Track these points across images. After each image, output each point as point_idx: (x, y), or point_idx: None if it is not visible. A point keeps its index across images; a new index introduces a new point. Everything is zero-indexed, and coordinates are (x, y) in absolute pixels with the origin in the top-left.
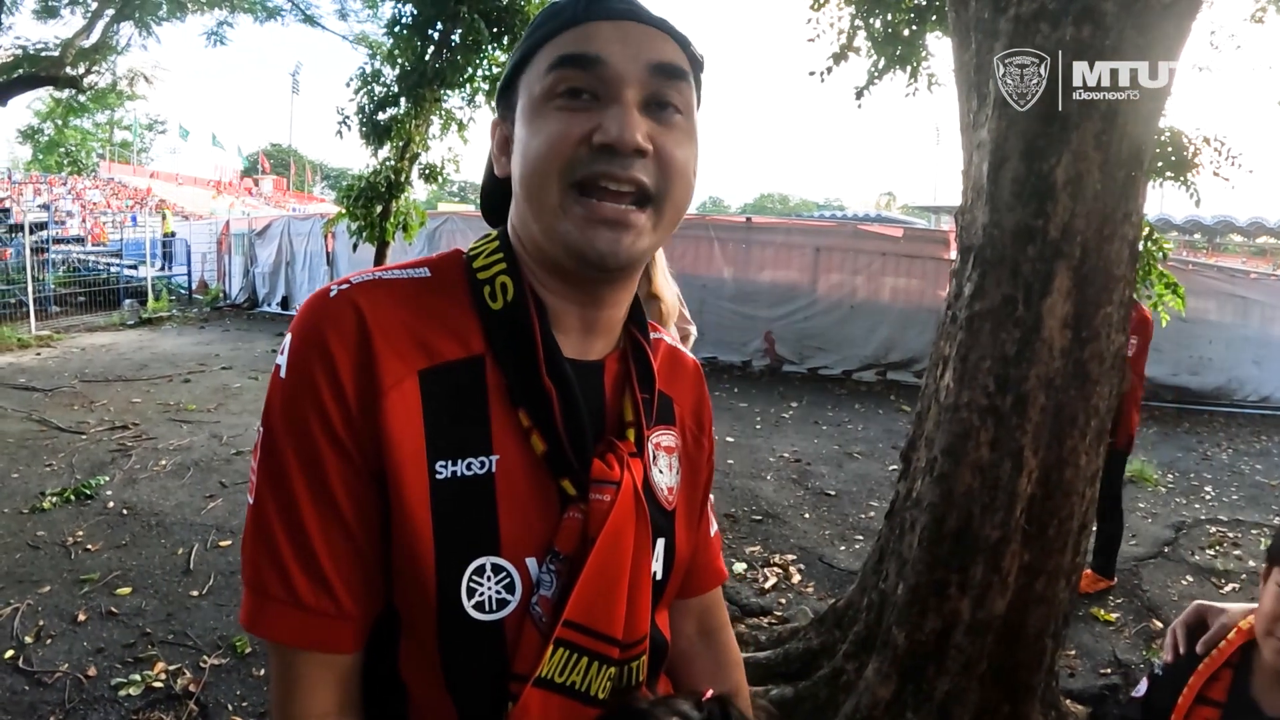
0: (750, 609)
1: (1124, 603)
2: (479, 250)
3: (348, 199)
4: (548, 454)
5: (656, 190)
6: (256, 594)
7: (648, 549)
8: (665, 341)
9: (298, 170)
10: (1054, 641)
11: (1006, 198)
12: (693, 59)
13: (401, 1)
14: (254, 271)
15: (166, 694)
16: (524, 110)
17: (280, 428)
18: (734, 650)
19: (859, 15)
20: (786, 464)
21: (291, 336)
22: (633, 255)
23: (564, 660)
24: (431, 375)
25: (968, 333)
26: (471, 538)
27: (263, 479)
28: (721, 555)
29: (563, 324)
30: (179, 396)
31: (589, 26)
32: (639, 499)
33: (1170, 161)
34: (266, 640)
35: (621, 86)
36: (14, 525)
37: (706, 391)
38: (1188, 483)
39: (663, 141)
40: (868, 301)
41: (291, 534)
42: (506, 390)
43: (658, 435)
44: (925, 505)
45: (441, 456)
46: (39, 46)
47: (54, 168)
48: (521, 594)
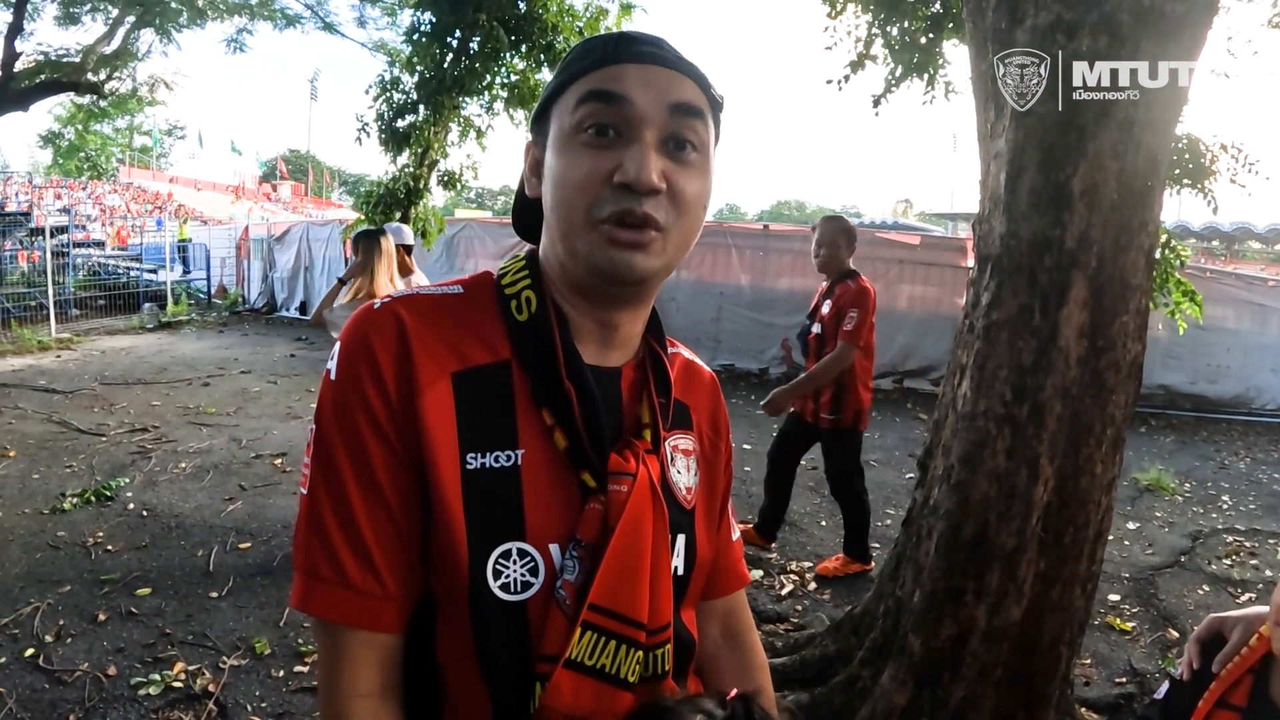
0: (767, 615)
1: (1140, 612)
2: (507, 269)
3: (367, 205)
4: (569, 449)
5: (667, 222)
6: (308, 576)
7: (666, 540)
8: (683, 355)
9: (316, 176)
10: (1069, 650)
11: (1023, 208)
12: (712, 100)
13: (420, 9)
14: (273, 276)
15: (186, 694)
16: (555, 139)
17: (331, 423)
18: (759, 653)
19: (876, 23)
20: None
21: (341, 343)
22: (646, 272)
23: (592, 643)
24: (463, 377)
25: (985, 341)
26: (498, 523)
27: (315, 470)
28: (743, 560)
29: (583, 335)
30: (198, 400)
31: (617, 68)
32: (655, 491)
33: (1188, 169)
34: (316, 618)
35: (642, 126)
36: (35, 525)
37: (723, 400)
38: (1205, 492)
39: (676, 178)
40: (884, 309)
41: (341, 520)
42: (531, 392)
43: (675, 439)
44: (942, 513)
45: (472, 449)
46: (61, 53)
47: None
48: (545, 577)
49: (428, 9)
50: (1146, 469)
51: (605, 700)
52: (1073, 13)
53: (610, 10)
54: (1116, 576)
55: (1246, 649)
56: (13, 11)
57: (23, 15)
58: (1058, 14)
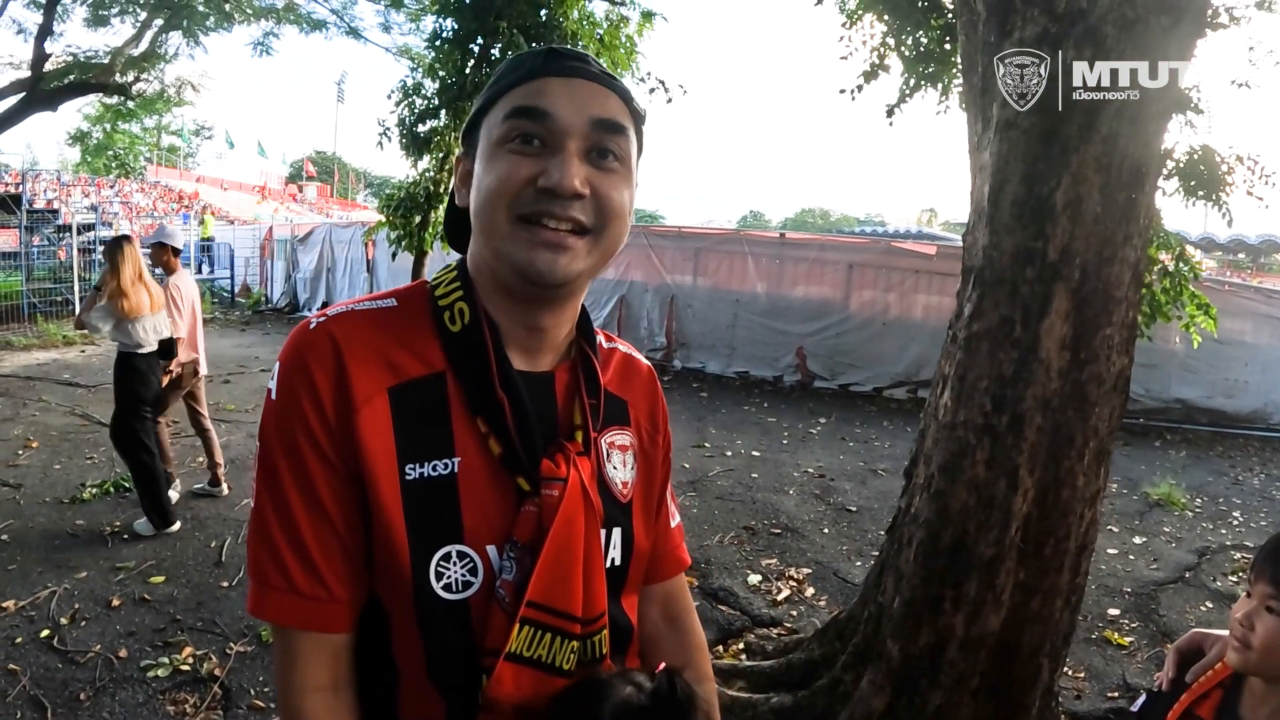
0: (761, 620)
1: (1139, 627)
2: (440, 280)
3: (388, 208)
4: (503, 456)
5: (593, 225)
6: (259, 584)
7: (598, 537)
8: (620, 350)
9: (341, 177)
10: (1051, 661)
11: (1006, 220)
12: (634, 113)
13: (443, 16)
14: (295, 277)
15: (193, 677)
16: (482, 150)
17: (274, 441)
18: (697, 634)
19: (890, 33)
20: (810, 479)
21: (280, 364)
22: (569, 274)
23: (530, 637)
24: (399, 391)
25: (965, 352)
26: (438, 528)
27: (261, 486)
28: (684, 545)
29: (513, 341)
30: (219, 396)
31: (543, 82)
32: (585, 493)
33: (1202, 180)
34: (269, 623)
35: (565, 138)
36: (55, 514)
37: (661, 394)
38: (1216, 507)
39: (600, 185)
40: (900, 318)
41: (286, 532)
42: (465, 401)
43: (611, 434)
44: (922, 521)
45: (410, 460)
46: (89, 54)
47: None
48: (484, 577)
49: (450, 16)
50: (1157, 483)
51: (545, 687)
52: (1059, 25)
53: (631, 19)
54: (1118, 591)
55: (1221, 664)
56: (43, 13)
57: (52, 17)
58: (1044, 26)
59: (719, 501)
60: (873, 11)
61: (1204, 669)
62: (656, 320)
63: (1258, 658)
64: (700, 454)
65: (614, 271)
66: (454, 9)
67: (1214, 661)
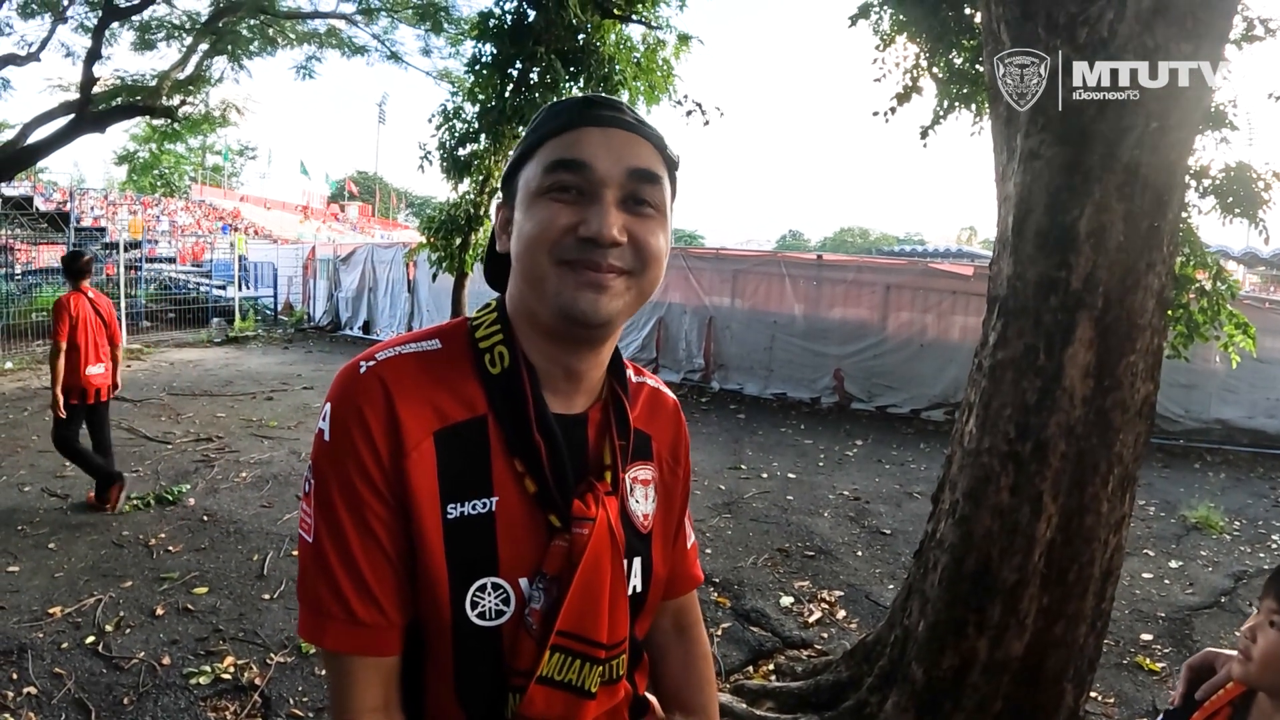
0: (792, 641)
1: (1172, 653)
2: (480, 320)
3: (429, 230)
4: (537, 494)
5: (633, 268)
6: (316, 613)
7: (622, 571)
8: (648, 385)
9: (382, 197)
10: (1076, 686)
11: (1030, 250)
12: (668, 161)
13: (482, 41)
14: (337, 296)
15: (234, 685)
16: (522, 199)
17: (329, 479)
18: (704, 644)
19: (924, 54)
20: (845, 501)
21: (332, 406)
22: (611, 313)
23: (560, 662)
24: (444, 435)
25: (990, 380)
26: (475, 562)
27: (319, 521)
28: (698, 562)
29: (550, 383)
30: (261, 413)
31: (581, 132)
32: (612, 532)
33: (1239, 197)
34: (325, 649)
35: (604, 188)
36: (101, 524)
37: (684, 426)
38: (1255, 530)
39: (637, 231)
40: (937, 340)
41: (344, 563)
42: (504, 443)
43: (635, 470)
44: (947, 546)
45: (452, 500)
46: (137, 78)
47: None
48: (515, 606)
49: (489, 41)
50: (1195, 506)
51: (573, 708)
52: (1081, 55)
53: (667, 42)
54: (1151, 615)
55: (1232, 683)
56: (91, 38)
57: (100, 42)
58: (1066, 56)
59: (753, 524)
60: (906, 33)
61: (1214, 688)
62: (695, 342)
63: (1257, 670)
64: (736, 476)
65: (653, 294)
66: (493, 34)
67: (1224, 680)
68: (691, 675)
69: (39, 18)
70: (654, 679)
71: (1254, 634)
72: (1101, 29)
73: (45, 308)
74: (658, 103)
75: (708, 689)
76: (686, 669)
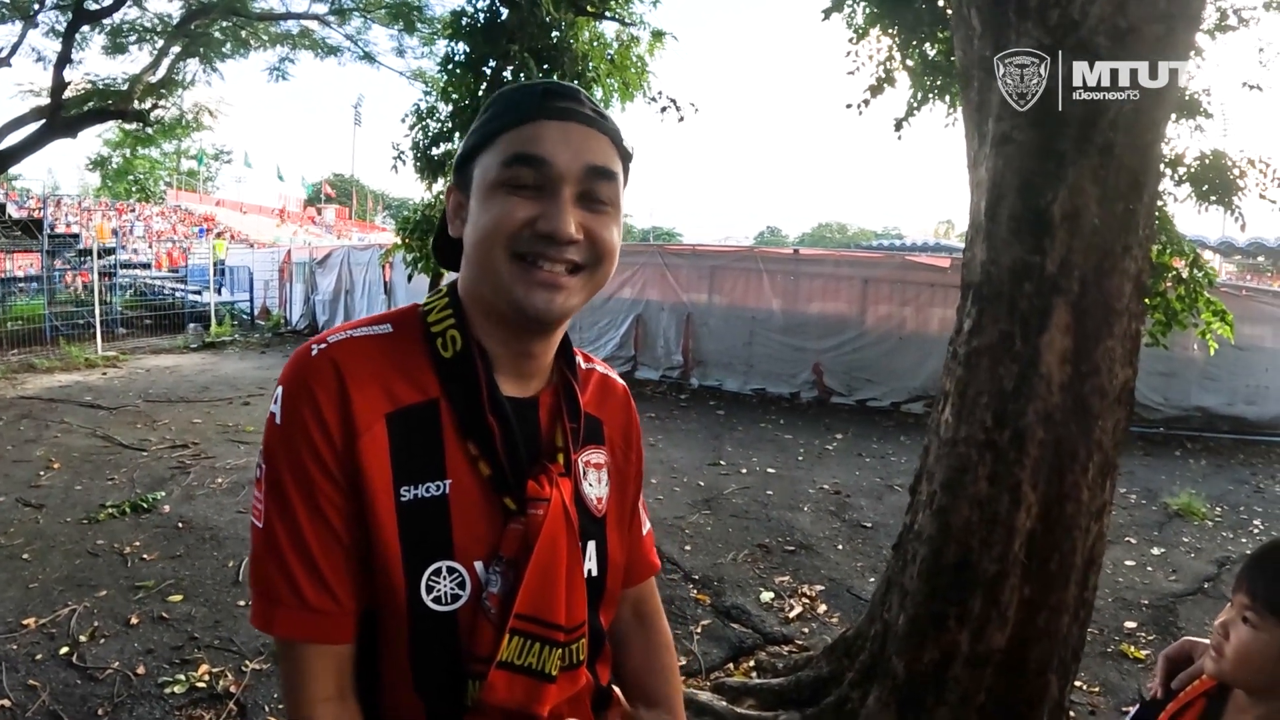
0: (773, 637)
1: (1156, 640)
2: (432, 305)
3: (404, 231)
4: (492, 477)
5: (587, 263)
6: (268, 600)
7: (578, 552)
8: (597, 371)
9: (359, 200)
10: (1060, 676)
11: (1004, 234)
12: (623, 153)
13: (455, 40)
14: (314, 299)
15: (209, 693)
16: (478, 188)
17: (280, 462)
18: (665, 633)
19: (897, 46)
20: (826, 495)
21: (284, 388)
22: (565, 311)
23: (520, 646)
24: (396, 417)
25: (966, 368)
26: (429, 545)
27: (269, 505)
28: (654, 550)
29: (502, 367)
30: (238, 418)
31: (539, 125)
32: (567, 512)
33: (1214, 184)
34: (277, 637)
35: (561, 184)
36: (75, 534)
37: (634, 412)
38: (1237, 516)
39: (592, 226)
40: (916, 333)
41: (296, 548)
42: (457, 426)
43: (588, 454)
44: (925, 538)
45: (405, 482)
46: (108, 81)
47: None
48: (471, 590)
49: (462, 40)
50: (1177, 493)
51: (534, 693)
52: (1053, 38)
53: (641, 39)
54: (1135, 603)
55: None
56: (61, 42)
57: (71, 45)
58: (1038, 39)
59: (733, 520)
60: (879, 25)
61: (1190, 678)
62: (673, 339)
63: (1230, 666)
64: (716, 472)
65: (630, 291)
66: (466, 33)
67: (1200, 671)
68: (653, 664)
69: (9, 22)
70: (616, 668)
71: (1226, 630)
72: (1073, 11)
73: (19, 316)
74: (632, 100)
75: (671, 678)
76: (648, 657)
